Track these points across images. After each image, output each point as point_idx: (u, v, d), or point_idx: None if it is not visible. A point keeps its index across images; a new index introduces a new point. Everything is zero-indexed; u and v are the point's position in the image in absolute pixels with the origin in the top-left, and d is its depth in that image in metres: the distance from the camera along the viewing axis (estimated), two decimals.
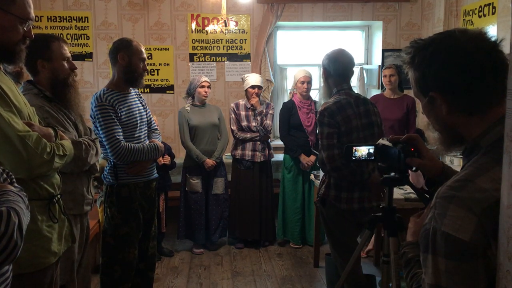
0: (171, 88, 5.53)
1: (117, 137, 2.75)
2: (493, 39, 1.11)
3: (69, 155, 1.92)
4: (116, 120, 2.76)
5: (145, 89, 5.44)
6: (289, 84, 5.74)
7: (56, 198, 1.90)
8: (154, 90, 5.52)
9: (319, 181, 3.73)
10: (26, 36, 1.75)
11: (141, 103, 3.00)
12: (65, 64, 2.34)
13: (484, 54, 1.08)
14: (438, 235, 1.01)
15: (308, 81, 4.47)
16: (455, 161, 3.98)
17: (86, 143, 2.35)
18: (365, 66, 5.79)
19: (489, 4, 4.24)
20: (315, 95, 4.94)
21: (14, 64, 1.81)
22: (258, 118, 4.52)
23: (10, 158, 1.65)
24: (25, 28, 1.72)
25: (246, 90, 4.53)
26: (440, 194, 1.05)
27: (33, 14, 1.75)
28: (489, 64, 1.07)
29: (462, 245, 0.98)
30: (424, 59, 1.14)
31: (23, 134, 1.67)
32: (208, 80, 4.46)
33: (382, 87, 4.65)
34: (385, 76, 4.37)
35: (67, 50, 2.37)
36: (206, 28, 5.47)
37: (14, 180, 1.34)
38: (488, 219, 0.98)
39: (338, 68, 2.79)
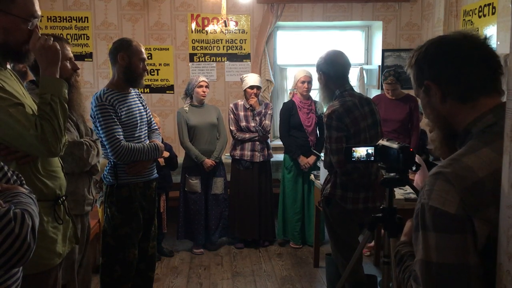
0: (171, 88, 5.53)
1: (117, 136, 2.75)
2: (481, 36, 1.21)
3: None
4: (116, 120, 2.76)
5: (145, 89, 5.43)
6: (289, 84, 5.74)
7: (61, 199, 1.90)
8: (154, 90, 5.52)
9: (319, 181, 3.74)
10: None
11: (141, 103, 3.00)
12: (68, 65, 2.34)
13: (473, 45, 1.18)
14: (427, 210, 1.06)
15: (308, 81, 4.47)
16: None
17: (87, 143, 2.35)
18: (365, 66, 5.79)
19: (489, 4, 4.24)
20: (315, 95, 4.94)
21: (23, 63, 1.79)
22: (257, 118, 4.52)
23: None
24: (29, 27, 1.70)
25: (245, 91, 4.53)
26: (430, 173, 1.11)
27: (38, 12, 1.71)
28: (477, 53, 1.17)
29: (449, 218, 1.03)
30: (420, 54, 1.24)
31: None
32: (206, 80, 4.45)
33: (383, 87, 4.64)
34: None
35: (70, 51, 2.37)
36: (206, 28, 5.47)
37: (24, 181, 1.35)
38: (470, 196, 1.02)
39: (338, 69, 2.78)
